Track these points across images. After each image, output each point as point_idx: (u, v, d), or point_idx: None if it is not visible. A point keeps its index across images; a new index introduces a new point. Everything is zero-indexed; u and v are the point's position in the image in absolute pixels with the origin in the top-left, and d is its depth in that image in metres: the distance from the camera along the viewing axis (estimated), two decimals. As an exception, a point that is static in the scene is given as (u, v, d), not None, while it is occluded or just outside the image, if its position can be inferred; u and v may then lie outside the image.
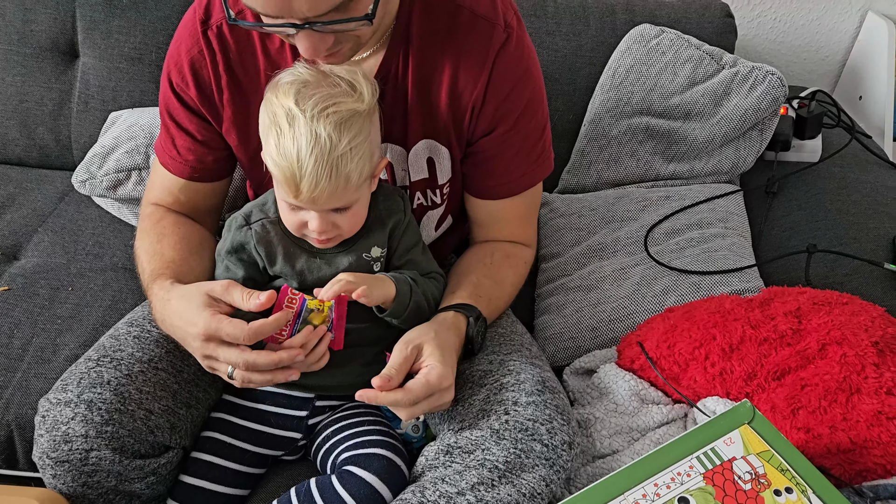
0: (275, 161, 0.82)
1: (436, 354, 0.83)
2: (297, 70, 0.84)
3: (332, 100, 0.81)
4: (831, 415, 0.86)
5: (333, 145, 0.80)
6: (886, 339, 0.91)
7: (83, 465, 0.83)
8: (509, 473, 0.80)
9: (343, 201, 0.84)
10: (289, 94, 0.81)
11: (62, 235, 1.35)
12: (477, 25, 0.89)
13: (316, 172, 0.80)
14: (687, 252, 1.20)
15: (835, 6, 1.69)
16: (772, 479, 0.74)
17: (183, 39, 0.93)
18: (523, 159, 0.98)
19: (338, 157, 0.80)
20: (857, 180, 1.34)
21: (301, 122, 0.79)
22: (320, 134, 0.79)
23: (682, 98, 1.35)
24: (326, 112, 0.80)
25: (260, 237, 0.92)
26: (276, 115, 0.81)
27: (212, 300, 0.82)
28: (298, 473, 0.96)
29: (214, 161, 1.00)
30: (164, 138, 1.00)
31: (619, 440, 0.95)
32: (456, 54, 0.90)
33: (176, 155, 0.99)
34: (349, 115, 0.81)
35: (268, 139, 0.83)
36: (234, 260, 0.93)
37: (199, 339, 0.81)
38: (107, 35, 1.44)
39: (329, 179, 0.80)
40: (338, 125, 0.80)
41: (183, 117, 0.96)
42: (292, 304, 0.82)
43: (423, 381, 0.81)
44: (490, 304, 0.96)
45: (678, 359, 0.99)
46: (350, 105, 0.81)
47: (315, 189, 0.81)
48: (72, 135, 1.51)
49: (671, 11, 1.47)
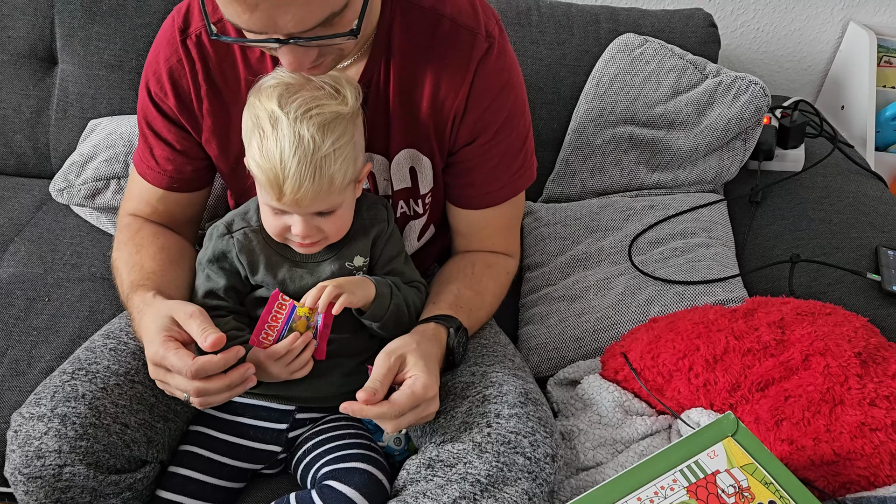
0: (258, 163, 0.81)
1: (419, 365, 0.82)
2: (280, 74, 0.84)
3: (316, 102, 0.80)
4: (815, 426, 0.86)
5: (317, 146, 0.79)
6: (869, 350, 0.91)
7: (56, 481, 0.81)
8: (492, 487, 0.79)
9: (327, 204, 0.84)
10: (272, 98, 0.81)
11: (39, 245, 1.32)
12: (458, 35, 0.89)
13: (299, 174, 0.79)
14: (671, 262, 1.19)
15: (817, 16, 1.71)
16: (755, 493, 0.74)
17: (161, 48, 0.92)
18: (505, 169, 0.97)
19: (321, 159, 0.80)
20: (840, 190, 1.34)
21: (284, 124, 0.79)
22: (304, 135, 0.79)
23: (666, 107, 1.35)
24: (310, 114, 0.79)
25: (242, 246, 0.91)
26: (258, 118, 0.81)
27: (172, 324, 0.81)
28: (279, 488, 0.95)
29: (193, 171, 0.98)
30: (143, 148, 0.99)
31: (602, 452, 0.95)
32: (437, 64, 0.89)
33: (154, 165, 0.98)
34: (333, 117, 0.81)
35: (251, 142, 0.82)
36: (215, 269, 0.92)
37: (150, 363, 0.80)
38: (86, 42, 1.42)
39: (313, 181, 0.80)
40: (321, 126, 0.80)
41: (161, 127, 0.95)
42: (282, 309, 0.82)
43: (408, 393, 0.80)
44: (471, 314, 0.96)
45: (662, 370, 0.98)
46: (334, 107, 0.81)
47: (298, 191, 0.80)
48: (50, 143, 1.48)
49: (655, 21, 1.48)
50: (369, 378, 0.81)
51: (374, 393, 0.79)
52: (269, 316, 0.82)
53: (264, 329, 0.82)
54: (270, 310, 0.82)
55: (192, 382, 0.77)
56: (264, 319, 0.82)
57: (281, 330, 0.82)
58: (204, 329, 0.78)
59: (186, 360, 0.76)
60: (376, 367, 0.82)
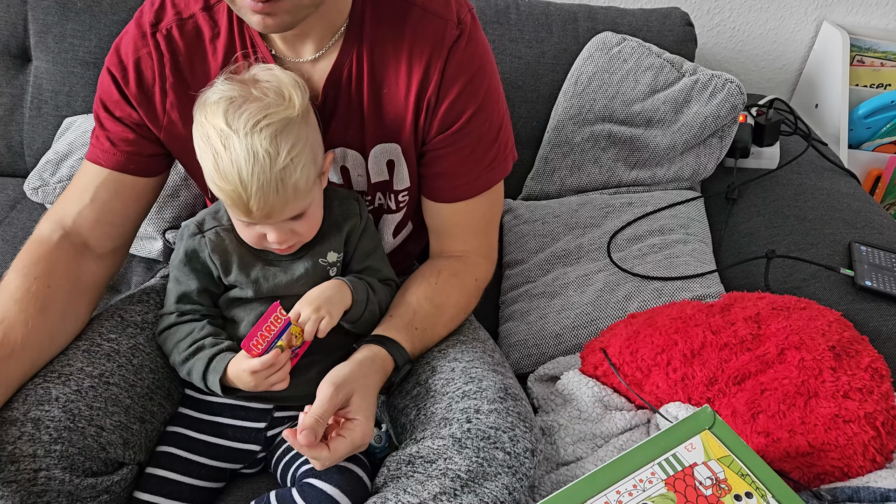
0: (218, 186, 0.80)
1: (362, 409, 0.82)
2: (221, 87, 0.82)
3: (263, 112, 0.79)
4: (790, 419, 0.87)
5: (273, 160, 0.78)
6: (843, 344, 0.93)
7: (31, 486, 0.79)
8: (472, 482, 0.79)
9: (296, 209, 0.84)
10: (217, 114, 0.79)
11: (13, 244, 1.30)
12: (429, 22, 0.88)
13: (262, 190, 0.79)
14: (649, 258, 1.20)
15: (791, 16, 1.73)
16: (732, 485, 0.74)
17: (131, 38, 0.91)
18: (478, 161, 0.96)
19: (280, 171, 0.79)
20: (814, 187, 1.36)
21: (235, 142, 0.78)
22: (258, 150, 0.78)
23: (644, 105, 1.37)
24: (259, 126, 0.78)
25: (214, 245, 0.90)
26: (209, 138, 0.80)
27: None
28: (258, 487, 0.94)
29: (152, 153, 0.95)
30: (98, 135, 0.95)
31: (582, 447, 0.95)
32: (409, 52, 0.89)
33: (109, 147, 0.93)
34: (283, 125, 0.80)
35: (205, 163, 0.81)
36: (186, 271, 0.91)
37: None
38: (60, 39, 1.40)
39: (277, 193, 0.80)
40: (274, 138, 0.78)
41: (121, 111, 0.92)
42: (277, 323, 0.82)
43: (348, 442, 0.80)
44: (425, 334, 0.94)
45: (641, 365, 0.99)
46: (282, 114, 0.80)
47: (265, 206, 0.80)
48: (24, 141, 1.46)
49: (633, 20, 1.49)
50: (311, 411, 0.79)
51: (315, 436, 0.78)
52: (263, 325, 0.82)
53: (256, 337, 0.82)
54: (267, 320, 0.82)
55: None
56: (258, 327, 0.82)
57: (271, 342, 0.82)
58: None
59: None
60: (321, 399, 0.80)
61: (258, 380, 0.83)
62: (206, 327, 0.89)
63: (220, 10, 0.90)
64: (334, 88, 0.90)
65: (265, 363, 0.81)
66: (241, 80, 0.83)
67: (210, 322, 0.91)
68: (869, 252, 1.16)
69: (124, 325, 0.94)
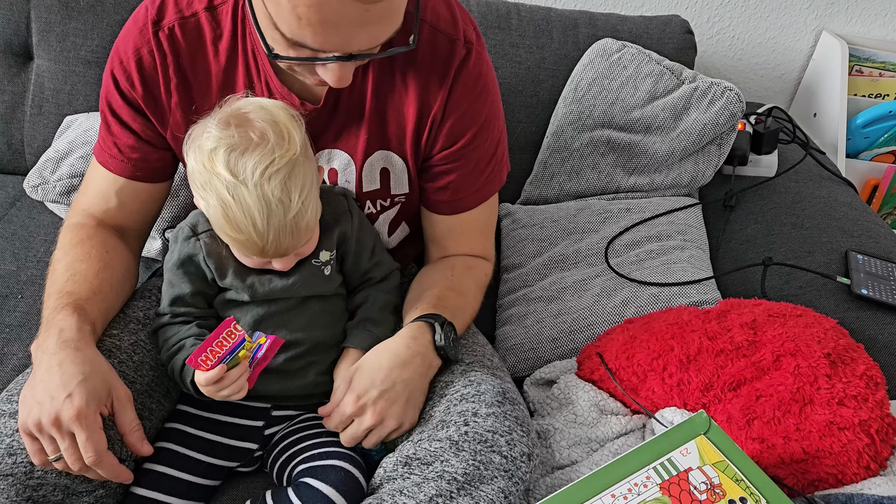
0: (231, 236, 0.81)
1: (354, 382, 0.87)
2: (216, 133, 0.79)
3: (269, 158, 0.78)
4: (785, 425, 0.87)
5: (287, 208, 0.79)
6: (838, 351, 0.93)
7: (28, 479, 0.80)
8: (468, 485, 0.79)
9: (307, 241, 0.86)
10: (218, 162, 0.78)
11: (13, 242, 1.31)
12: (438, 41, 0.89)
13: (277, 236, 0.80)
14: (646, 264, 1.21)
15: (791, 25, 1.74)
16: (726, 490, 0.75)
17: (132, 37, 0.90)
18: (479, 174, 0.98)
19: (294, 217, 0.80)
20: (812, 195, 1.37)
21: (245, 193, 0.77)
22: (270, 200, 0.78)
23: (643, 112, 1.37)
24: (267, 174, 0.77)
25: (210, 249, 0.90)
26: (213, 187, 0.78)
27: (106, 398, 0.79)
28: (255, 486, 0.94)
29: (159, 160, 0.96)
30: (105, 137, 0.96)
31: (578, 451, 0.96)
32: (416, 69, 0.90)
33: (117, 154, 0.95)
34: (290, 168, 0.79)
35: (211, 211, 0.80)
36: (180, 274, 0.91)
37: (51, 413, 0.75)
38: (62, 38, 1.41)
39: (292, 237, 0.81)
40: (284, 184, 0.78)
41: (126, 115, 0.93)
42: (230, 338, 0.81)
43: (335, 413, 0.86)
44: (456, 314, 0.96)
45: (637, 370, 0.99)
46: (287, 157, 0.79)
47: (279, 249, 0.82)
48: (24, 139, 1.46)
49: (633, 27, 1.50)
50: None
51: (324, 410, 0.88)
52: (214, 341, 0.80)
53: (206, 352, 0.80)
54: (218, 335, 0.80)
55: (77, 462, 0.76)
56: (209, 342, 0.80)
57: (223, 357, 0.80)
58: (136, 429, 0.81)
59: (99, 445, 0.76)
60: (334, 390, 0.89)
61: (209, 393, 0.82)
62: (192, 328, 0.90)
63: (223, 12, 0.89)
64: (336, 93, 0.91)
65: (209, 380, 0.80)
66: (236, 120, 0.81)
67: (200, 324, 0.91)
68: (865, 261, 1.17)
69: (126, 321, 0.94)
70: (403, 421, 0.86)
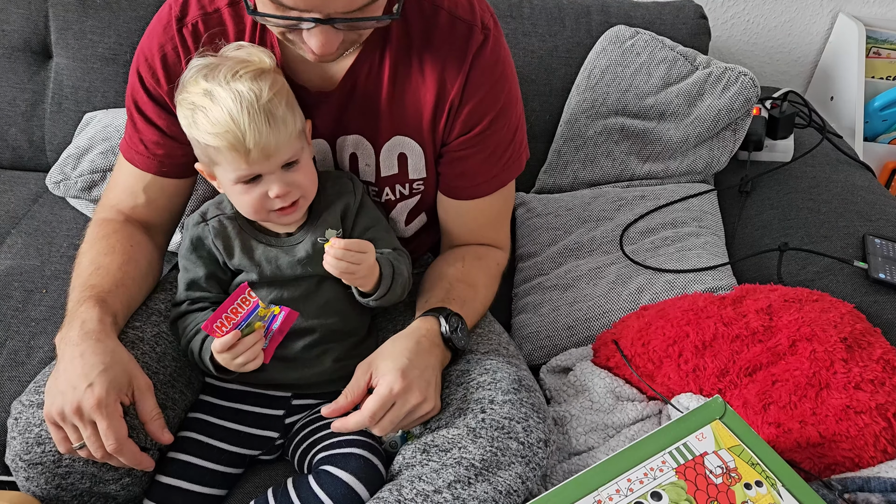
0: (214, 135, 0.82)
1: (383, 365, 0.84)
2: (194, 64, 0.86)
3: (238, 66, 0.84)
4: (801, 410, 0.88)
5: (258, 95, 0.82)
6: (855, 336, 0.93)
7: (57, 468, 0.82)
8: (486, 471, 0.81)
9: (290, 150, 0.85)
10: (196, 81, 0.84)
11: (36, 237, 1.33)
12: (456, 27, 0.90)
13: (255, 124, 0.81)
14: (661, 251, 1.21)
15: (806, 8, 1.72)
16: (742, 474, 0.75)
17: (156, 35, 0.92)
18: (496, 161, 0.98)
19: (266, 103, 0.82)
20: (828, 180, 1.36)
21: (220, 92, 0.82)
22: (242, 91, 0.82)
23: (657, 98, 1.37)
24: (238, 74, 0.83)
25: (217, 231, 0.93)
26: (194, 103, 0.83)
27: (127, 387, 0.80)
28: (276, 473, 0.96)
29: (184, 155, 0.97)
30: (131, 134, 0.98)
31: (594, 437, 0.96)
32: (434, 55, 0.90)
33: (143, 150, 0.97)
34: (259, 72, 0.84)
35: (197, 125, 0.83)
36: (193, 258, 0.93)
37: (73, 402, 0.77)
38: (80, 35, 1.42)
39: (269, 125, 0.82)
40: (254, 80, 0.83)
41: (151, 112, 0.95)
42: (245, 304, 0.82)
43: (375, 398, 0.82)
44: (465, 305, 0.96)
45: (652, 356, 1.00)
46: (256, 65, 0.85)
47: (261, 139, 0.82)
48: (45, 136, 1.49)
49: (646, 13, 1.49)
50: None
51: (337, 406, 0.84)
52: (229, 307, 0.81)
53: (221, 318, 0.81)
54: (233, 301, 0.81)
55: (99, 450, 0.78)
56: (223, 309, 0.81)
57: (238, 323, 0.82)
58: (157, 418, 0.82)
59: (120, 433, 0.78)
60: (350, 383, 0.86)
61: (224, 361, 0.84)
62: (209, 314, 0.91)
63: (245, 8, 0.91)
64: (352, 78, 0.92)
65: (224, 344, 0.82)
66: (216, 59, 0.87)
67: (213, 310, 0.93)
68: (883, 245, 1.16)
69: (149, 314, 0.96)
70: (437, 404, 0.86)
